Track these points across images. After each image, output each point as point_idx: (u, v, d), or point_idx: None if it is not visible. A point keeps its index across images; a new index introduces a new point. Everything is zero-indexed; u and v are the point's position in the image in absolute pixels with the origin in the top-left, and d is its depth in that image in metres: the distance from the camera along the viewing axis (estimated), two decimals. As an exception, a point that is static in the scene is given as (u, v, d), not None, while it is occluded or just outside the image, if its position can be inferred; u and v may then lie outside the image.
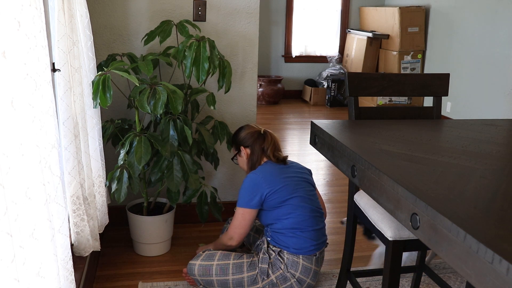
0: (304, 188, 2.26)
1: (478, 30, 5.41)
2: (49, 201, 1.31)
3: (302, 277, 2.15)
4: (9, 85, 1.03)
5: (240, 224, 2.25)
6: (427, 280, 2.43)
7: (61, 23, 1.74)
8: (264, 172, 2.25)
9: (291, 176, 2.26)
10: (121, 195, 2.27)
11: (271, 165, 2.29)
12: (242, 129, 2.40)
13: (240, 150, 2.36)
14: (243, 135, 2.37)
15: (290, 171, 2.29)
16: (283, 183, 2.22)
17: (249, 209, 2.22)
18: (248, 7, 2.81)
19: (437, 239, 1.02)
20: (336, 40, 7.78)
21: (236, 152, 2.41)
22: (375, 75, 2.14)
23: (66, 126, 1.81)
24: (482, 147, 1.55)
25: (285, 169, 2.29)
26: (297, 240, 2.17)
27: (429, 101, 6.39)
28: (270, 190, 2.19)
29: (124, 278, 2.42)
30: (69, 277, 1.55)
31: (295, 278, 2.14)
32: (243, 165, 2.40)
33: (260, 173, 2.25)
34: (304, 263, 2.15)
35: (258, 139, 2.33)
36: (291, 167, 2.33)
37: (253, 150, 2.33)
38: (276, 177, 2.23)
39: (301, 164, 2.43)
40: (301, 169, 2.37)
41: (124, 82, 2.62)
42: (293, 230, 2.17)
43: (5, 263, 0.95)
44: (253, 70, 2.91)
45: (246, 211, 2.23)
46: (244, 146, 2.35)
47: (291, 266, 2.14)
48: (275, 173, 2.25)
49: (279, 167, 2.29)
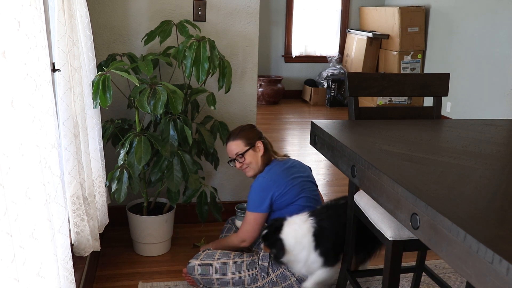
0: (309, 189, 2.29)
1: (478, 30, 5.41)
2: (49, 201, 1.31)
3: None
4: (9, 85, 1.03)
5: (253, 228, 2.26)
6: (427, 280, 2.43)
7: (61, 23, 1.74)
8: (272, 174, 2.25)
9: (297, 177, 2.28)
10: (121, 195, 2.27)
11: (277, 166, 2.29)
12: (245, 127, 2.38)
13: (254, 145, 2.31)
14: (254, 131, 2.36)
15: (295, 171, 2.30)
16: (291, 184, 2.23)
17: (261, 213, 2.24)
18: (248, 7, 2.81)
19: (437, 239, 1.02)
20: (336, 40, 7.78)
21: (248, 148, 2.31)
22: (375, 75, 2.15)
23: (66, 126, 1.81)
24: (482, 147, 1.55)
25: (291, 169, 2.30)
26: None
27: (429, 101, 6.39)
28: (279, 192, 2.21)
29: (124, 278, 2.42)
30: (69, 277, 1.54)
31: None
32: (256, 161, 2.32)
33: (268, 175, 2.25)
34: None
35: (259, 133, 2.38)
36: (295, 166, 2.33)
37: (266, 147, 2.33)
38: (284, 178, 2.24)
39: (301, 162, 2.44)
40: (303, 167, 2.38)
41: (124, 82, 2.62)
42: None
43: (5, 263, 0.95)
44: (253, 70, 2.91)
45: (258, 215, 2.24)
46: (261, 140, 2.33)
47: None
48: (282, 174, 2.25)
49: (285, 167, 2.29)
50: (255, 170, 2.34)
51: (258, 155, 2.32)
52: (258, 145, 2.32)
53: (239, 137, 2.33)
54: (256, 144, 2.31)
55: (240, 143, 2.32)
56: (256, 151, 2.32)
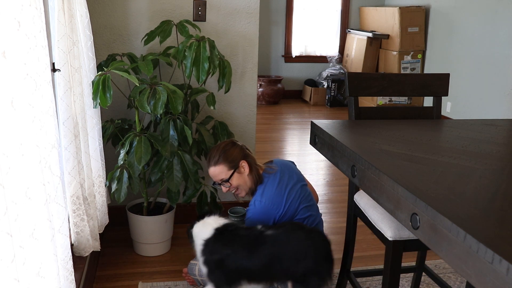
0: (304, 195, 2.18)
1: (478, 30, 5.41)
2: (49, 201, 1.31)
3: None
4: (9, 85, 1.03)
5: None
6: (427, 280, 2.43)
7: (61, 23, 1.74)
8: (268, 196, 2.11)
9: (291, 188, 2.15)
10: (121, 195, 2.27)
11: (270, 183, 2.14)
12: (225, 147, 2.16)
13: (238, 166, 2.13)
14: (236, 150, 2.15)
15: (286, 180, 2.16)
16: (289, 200, 2.12)
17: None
18: (248, 7, 2.81)
19: (437, 239, 1.02)
20: (336, 40, 7.78)
21: (232, 171, 2.13)
22: (375, 75, 2.14)
23: (66, 126, 1.81)
24: (482, 147, 1.55)
25: (282, 180, 2.15)
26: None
27: (429, 101, 6.39)
28: (280, 214, 2.11)
29: (124, 278, 2.42)
30: (69, 277, 1.55)
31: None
32: (244, 182, 2.15)
33: (265, 199, 2.10)
34: None
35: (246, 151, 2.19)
36: (284, 174, 2.18)
37: (251, 164, 2.15)
38: (280, 196, 2.11)
39: (283, 160, 2.34)
40: (289, 170, 2.23)
41: (124, 82, 2.62)
42: None
43: (5, 263, 0.95)
44: (253, 70, 2.91)
45: None
46: (244, 159, 2.14)
47: None
48: (277, 192, 2.12)
49: (277, 182, 2.14)
50: (246, 191, 2.18)
51: (245, 175, 2.14)
52: (243, 165, 2.13)
53: (220, 161, 2.12)
54: (240, 165, 2.12)
55: (223, 168, 2.12)
56: (241, 172, 2.13)
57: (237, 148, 2.17)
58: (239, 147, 2.18)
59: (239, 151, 2.16)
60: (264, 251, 1.93)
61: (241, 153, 2.16)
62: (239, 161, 2.13)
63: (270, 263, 1.93)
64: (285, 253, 1.93)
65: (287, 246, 1.93)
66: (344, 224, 2.22)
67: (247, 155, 2.18)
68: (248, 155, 2.19)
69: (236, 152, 2.15)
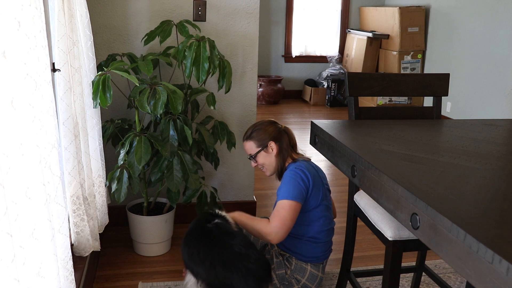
0: (327, 197, 2.16)
1: (478, 30, 5.41)
2: (49, 201, 1.31)
3: (307, 283, 2.10)
4: (9, 85, 1.03)
5: (291, 218, 1.96)
6: (427, 280, 2.43)
7: (61, 23, 1.74)
8: (307, 167, 2.06)
9: (322, 182, 2.12)
10: (121, 195, 2.27)
11: (304, 162, 2.10)
12: (260, 125, 2.18)
13: (267, 146, 2.13)
14: (269, 130, 2.15)
15: (319, 175, 2.12)
16: (318, 186, 2.06)
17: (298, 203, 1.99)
18: (248, 7, 2.81)
19: (437, 239, 1.02)
20: (336, 40, 7.78)
21: (259, 149, 2.15)
22: (375, 75, 2.15)
23: (66, 126, 1.81)
24: (482, 147, 1.55)
25: (318, 170, 2.12)
26: (310, 249, 2.10)
27: (429, 101, 6.39)
28: (312, 187, 2.03)
29: (124, 278, 2.42)
30: (69, 277, 1.55)
31: (299, 285, 2.09)
32: (269, 163, 2.15)
33: (304, 167, 2.04)
34: (312, 270, 2.11)
35: (284, 134, 2.16)
36: (319, 170, 2.15)
37: (281, 147, 2.14)
38: (316, 176, 2.06)
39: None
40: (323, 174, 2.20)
41: (124, 82, 2.62)
42: (310, 238, 2.10)
43: (5, 263, 0.95)
44: (253, 70, 2.91)
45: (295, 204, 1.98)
46: (274, 140, 2.13)
47: (298, 272, 2.10)
48: (314, 172, 2.07)
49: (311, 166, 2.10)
50: (271, 171, 2.17)
51: (272, 155, 2.13)
52: (271, 146, 2.13)
53: (251, 137, 2.16)
54: (268, 145, 2.13)
55: (252, 144, 2.16)
56: (268, 152, 2.14)
57: (271, 128, 2.17)
58: (275, 128, 2.17)
59: (272, 131, 2.15)
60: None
61: (274, 134, 2.15)
62: (269, 141, 2.13)
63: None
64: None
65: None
66: (344, 224, 2.22)
67: (280, 138, 2.15)
68: (280, 138, 2.15)
69: (269, 132, 2.15)
